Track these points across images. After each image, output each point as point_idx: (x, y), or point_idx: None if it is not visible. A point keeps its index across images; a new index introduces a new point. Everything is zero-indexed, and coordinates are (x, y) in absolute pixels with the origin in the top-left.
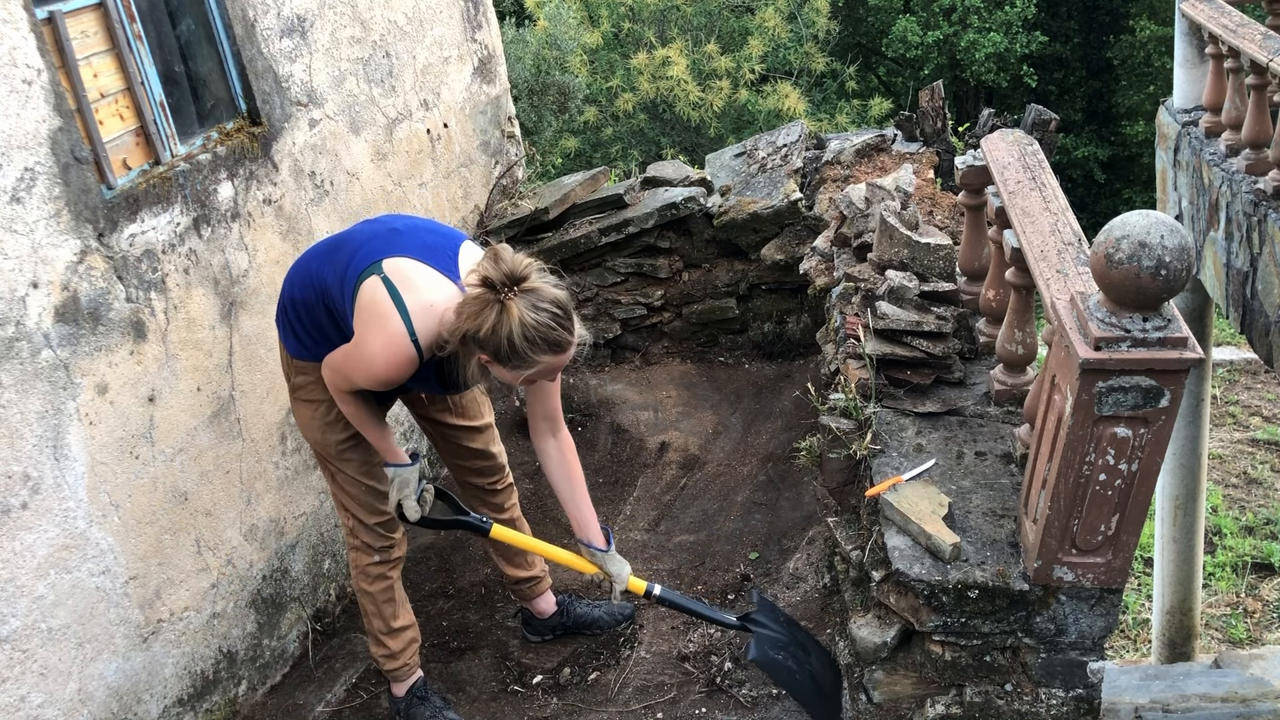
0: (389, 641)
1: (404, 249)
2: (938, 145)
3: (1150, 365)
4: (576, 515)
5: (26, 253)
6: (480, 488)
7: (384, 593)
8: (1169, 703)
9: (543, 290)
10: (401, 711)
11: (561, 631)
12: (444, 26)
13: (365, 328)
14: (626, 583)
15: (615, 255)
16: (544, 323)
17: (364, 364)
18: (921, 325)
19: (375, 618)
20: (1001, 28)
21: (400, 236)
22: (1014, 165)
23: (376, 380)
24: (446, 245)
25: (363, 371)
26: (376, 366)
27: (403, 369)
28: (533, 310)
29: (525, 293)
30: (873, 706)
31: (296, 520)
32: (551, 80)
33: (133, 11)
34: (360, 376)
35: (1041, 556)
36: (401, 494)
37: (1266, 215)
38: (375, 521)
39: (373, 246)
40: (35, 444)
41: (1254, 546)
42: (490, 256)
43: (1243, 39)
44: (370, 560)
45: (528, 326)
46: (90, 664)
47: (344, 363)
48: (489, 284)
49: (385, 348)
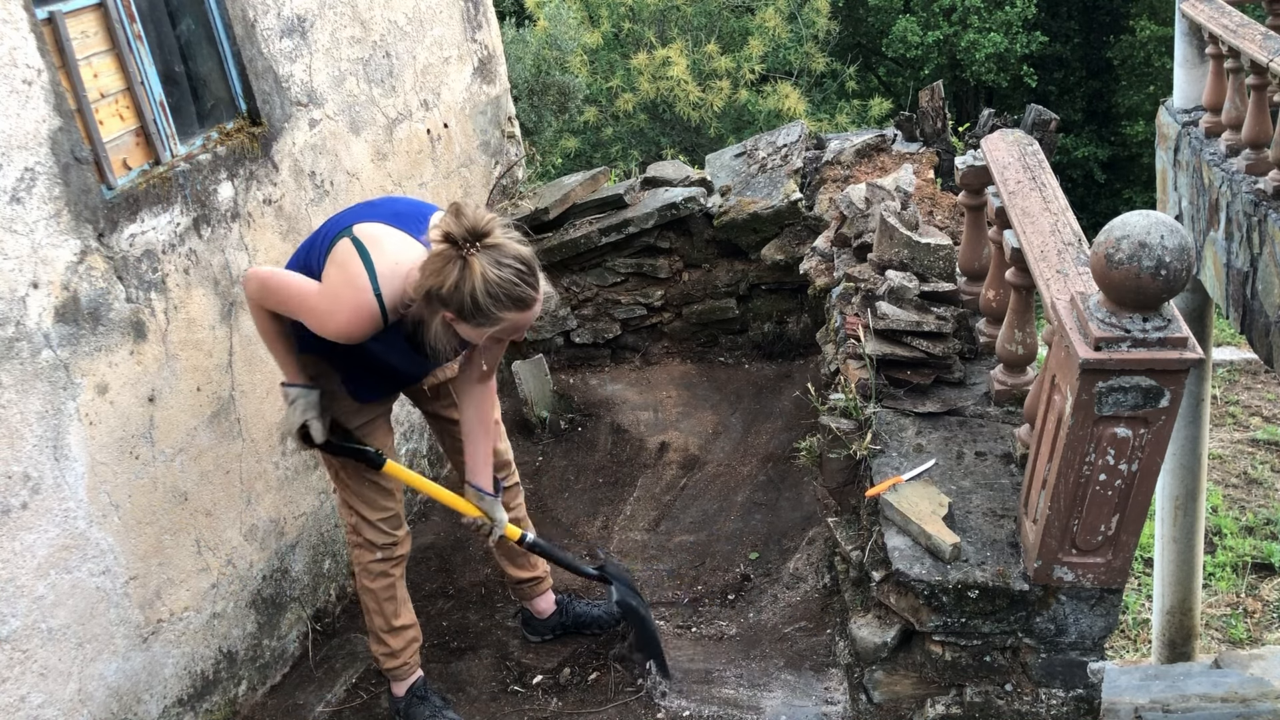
0: (390, 640)
1: (375, 216)
2: (938, 145)
3: (1150, 365)
4: (474, 458)
5: (26, 253)
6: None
7: (386, 590)
8: (1169, 703)
9: (506, 246)
10: (401, 711)
11: (561, 631)
12: (444, 26)
13: (331, 282)
14: (505, 527)
15: (615, 255)
16: (507, 279)
17: (324, 314)
18: (921, 325)
19: (376, 615)
20: (1001, 28)
21: (373, 206)
22: (1014, 165)
23: (332, 332)
24: (418, 212)
25: (318, 319)
26: (339, 319)
27: (364, 325)
28: (495, 266)
29: (488, 249)
30: (873, 706)
31: (296, 520)
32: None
33: (133, 11)
34: (313, 320)
35: (1041, 556)
36: (307, 415)
37: (1266, 215)
38: (379, 518)
39: (345, 217)
40: (35, 444)
41: (1254, 546)
42: (452, 212)
43: (1243, 39)
44: (373, 557)
45: (490, 282)
46: (90, 664)
47: (297, 296)
48: (450, 239)
49: (349, 302)
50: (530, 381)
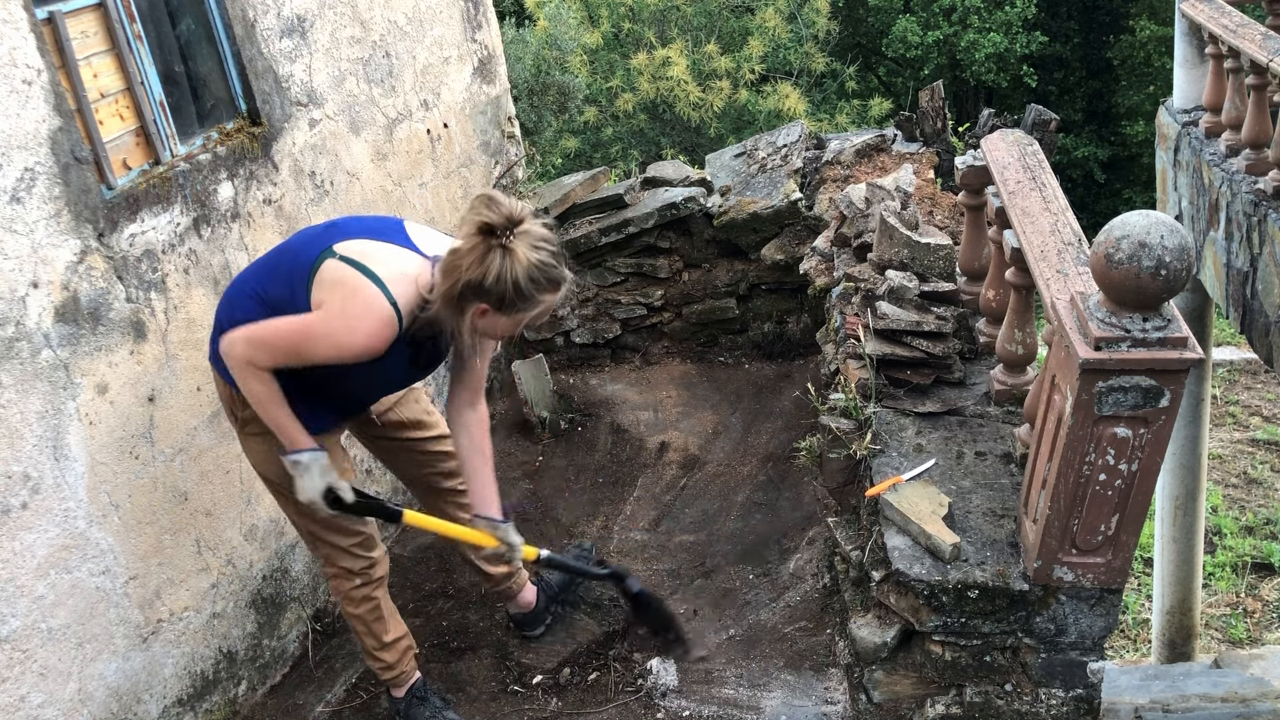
0: (384, 655)
1: (347, 235)
2: (938, 145)
3: (1150, 365)
4: (479, 489)
5: (26, 253)
6: (451, 490)
7: (372, 613)
8: (1169, 703)
9: (535, 230)
10: (401, 712)
11: (557, 608)
12: (444, 27)
13: (337, 303)
14: (523, 551)
15: (615, 255)
16: (545, 261)
17: (341, 334)
18: (921, 325)
19: (367, 636)
20: (1001, 28)
21: (337, 227)
22: (1014, 165)
23: (354, 351)
24: (390, 225)
25: (334, 343)
26: (358, 337)
27: (385, 336)
28: (533, 250)
29: (522, 234)
30: (873, 706)
31: None
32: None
33: (133, 11)
34: (327, 347)
35: (1041, 556)
36: (327, 477)
37: (1266, 215)
38: (351, 543)
39: (315, 244)
40: (35, 444)
41: (1254, 546)
42: (484, 203)
43: (1243, 39)
44: (353, 585)
45: (533, 266)
46: (90, 664)
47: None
48: (488, 230)
49: (365, 316)
50: (530, 381)
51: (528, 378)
